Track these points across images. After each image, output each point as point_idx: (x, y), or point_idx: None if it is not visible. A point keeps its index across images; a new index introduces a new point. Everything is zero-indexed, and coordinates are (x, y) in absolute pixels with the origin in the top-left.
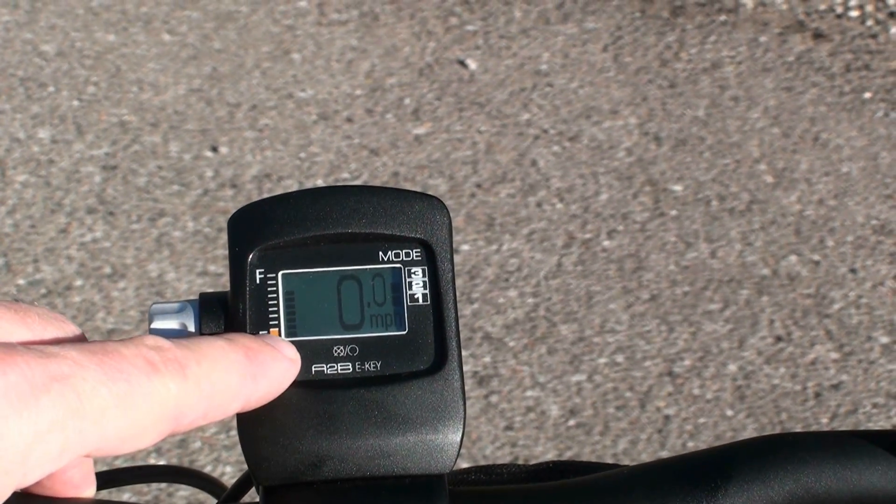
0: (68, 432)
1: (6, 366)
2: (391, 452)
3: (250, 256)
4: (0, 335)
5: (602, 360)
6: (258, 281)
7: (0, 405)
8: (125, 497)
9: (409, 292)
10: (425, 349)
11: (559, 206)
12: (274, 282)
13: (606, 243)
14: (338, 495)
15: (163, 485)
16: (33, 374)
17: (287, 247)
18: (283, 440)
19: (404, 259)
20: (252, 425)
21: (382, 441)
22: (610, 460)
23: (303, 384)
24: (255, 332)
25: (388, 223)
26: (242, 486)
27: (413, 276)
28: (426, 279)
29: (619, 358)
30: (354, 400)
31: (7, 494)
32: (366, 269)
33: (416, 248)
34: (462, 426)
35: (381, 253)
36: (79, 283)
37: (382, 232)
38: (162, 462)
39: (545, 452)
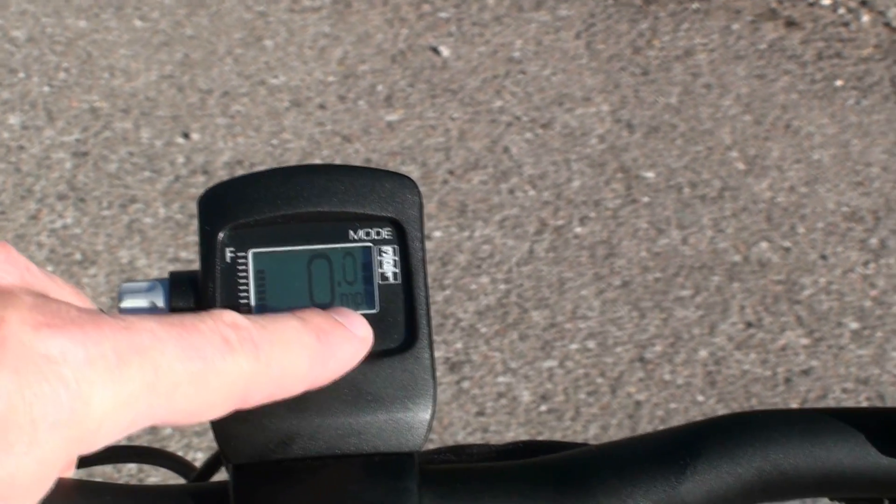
0: (140, 406)
1: (99, 335)
2: (361, 430)
3: (220, 235)
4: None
5: (573, 346)
6: (228, 259)
7: (88, 373)
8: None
9: (379, 271)
10: (396, 328)
11: (531, 192)
12: (244, 260)
13: (578, 230)
14: (307, 473)
15: (133, 470)
16: (119, 345)
17: (257, 225)
18: (253, 418)
19: (375, 238)
20: None
21: (352, 419)
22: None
23: None
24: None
25: (358, 202)
26: (212, 465)
27: (384, 254)
28: (397, 258)
29: (591, 344)
30: None
31: (73, 461)
32: (336, 247)
33: (386, 226)
34: (432, 404)
35: (351, 232)
36: (49, 269)
37: (353, 211)
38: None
39: (516, 438)
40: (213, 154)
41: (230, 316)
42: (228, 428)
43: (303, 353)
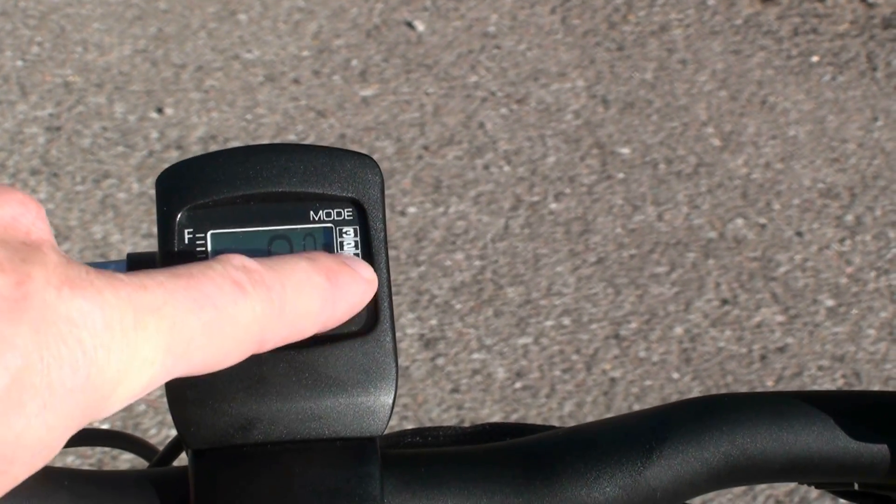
0: (155, 368)
1: (117, 299)
2: (322, 415)
3: (178, 216)
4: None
5: (548, 323)
6: (187, 241)
7: (106, 338)
8: (69, 460)
9: (340, 252)
10: None
11: (506, 168)
12: (203, 242)
13: (553, 206)
14: (268, 458)
15: (106, 447)
16: (135, 307)
17: (216, 206)
18: (212, 403)
19: (336, 218)
20: (180, 388)
21: (313, 403)
22: (556, 423)
23: None
24: None
25: (319, 182)
26: (173, 449)
27: (345, 235)
28: (358, 239)
29: (566, 321)
30: (284, 361)
31: (83, 425)
32: (297, 228)
33: (347, 207)
34: (394, 388)
35: (312, 212)
36: None
37: (313, 191)
38: (105, 426)
39: (491, 415)
40: (187, 129)
41: (239, 259)
42: (188, 413)
43: (314, 293)
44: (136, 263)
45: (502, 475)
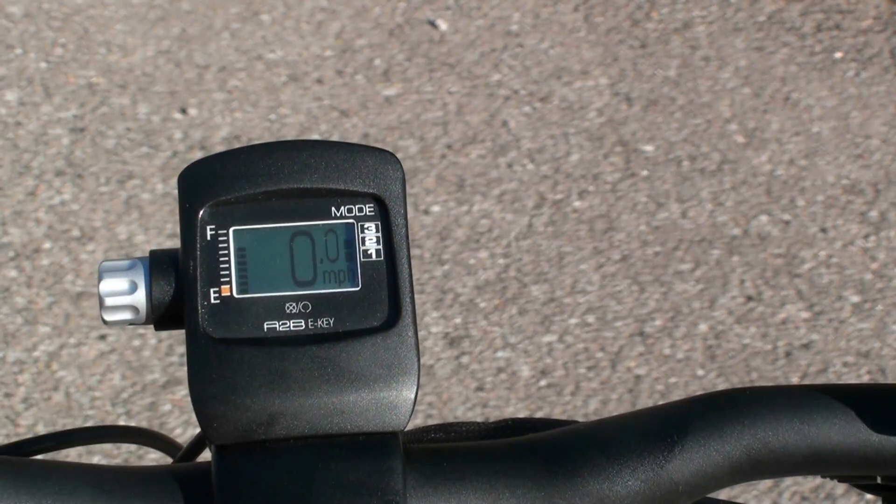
0: None
1: None
2: (344, 410)
3: (201, 212)
4: None
5: (573, 321)
6: (209, 237)
7: None
8: (95, 459)
9: (362, 248)
10: (379, 305)
11: (530, 166)
12: (225, 238)
13: (577, 204)
14: (290, 453)
15: (132, 446)
16: None
17: (238, 202)
18: (235, 398)
19: (357, 214)
20: (203, 384)
21: (336, 398)
22: (581, 420)
23: (254, 341)
24: (206, 290)
25: (340, 178)
26: (197, 445)
27: (366, 231)
28: (379, 234)
29: (590, 318)
30: (307, 357)
31: None
32: (318, 224)
33: (369, 203)
34: (416, 383)
35: (333, 208)
36: (47, 245)
37: (335, 187)
38: (132, 424)
39: (516, 413)
40: (211, 129)
41: None
42: (210, 409)
43: None
44: (158, 260)
45: (524, 469)
